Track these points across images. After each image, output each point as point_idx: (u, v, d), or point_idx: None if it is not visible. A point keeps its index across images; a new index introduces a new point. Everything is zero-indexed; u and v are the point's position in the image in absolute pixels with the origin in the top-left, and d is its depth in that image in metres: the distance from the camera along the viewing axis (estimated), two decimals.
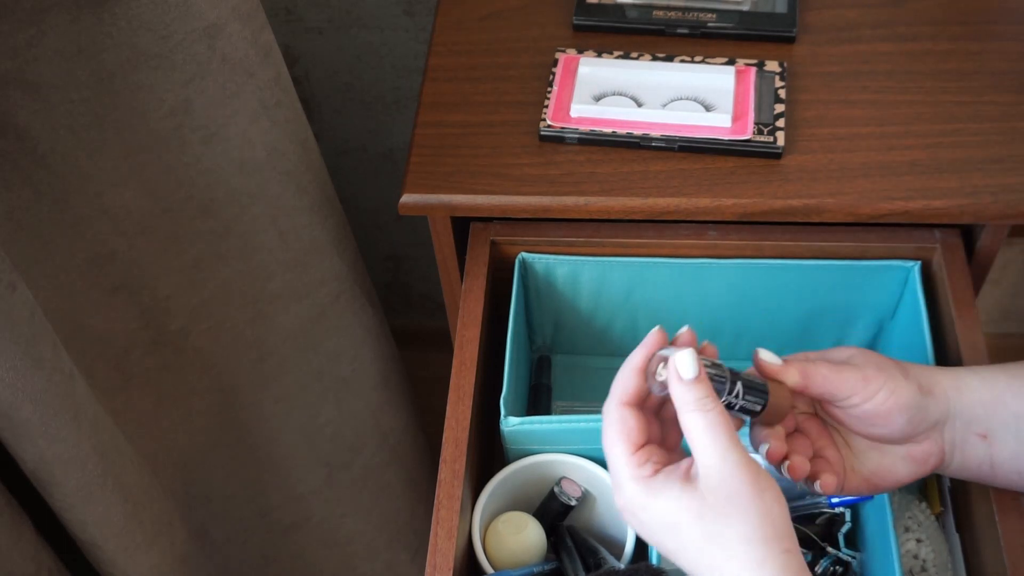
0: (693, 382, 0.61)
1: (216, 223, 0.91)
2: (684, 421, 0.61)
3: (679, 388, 0.61)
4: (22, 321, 0.69)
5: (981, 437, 0.69)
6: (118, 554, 0.86)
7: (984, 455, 0.70)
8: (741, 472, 0.59)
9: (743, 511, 0.58)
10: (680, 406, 0.61)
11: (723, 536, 0.58)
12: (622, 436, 0.62)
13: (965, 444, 0.70)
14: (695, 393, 0.61)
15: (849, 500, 0.80)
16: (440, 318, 1.69)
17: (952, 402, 0.69)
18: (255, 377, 1.05)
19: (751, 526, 0.58)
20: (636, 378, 0.64)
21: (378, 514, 1.28)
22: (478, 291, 0.84)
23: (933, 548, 0.82)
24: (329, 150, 1.41)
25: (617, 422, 0.63)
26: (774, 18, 0.94)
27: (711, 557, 0.59)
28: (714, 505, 0.59)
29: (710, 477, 0.59)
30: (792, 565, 0.58)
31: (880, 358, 0.69)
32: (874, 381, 0.67)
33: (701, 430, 0.60)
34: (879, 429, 0.69)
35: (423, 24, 1.25)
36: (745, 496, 0.59)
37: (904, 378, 0.67)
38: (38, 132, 0.75)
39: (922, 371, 0.69)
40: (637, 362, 0.64)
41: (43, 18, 0.71)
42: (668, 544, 0.61)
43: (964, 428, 0.69)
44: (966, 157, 0.85)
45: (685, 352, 0.61)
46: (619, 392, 0.64)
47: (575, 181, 0.85)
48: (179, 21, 0.77)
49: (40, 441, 0.74)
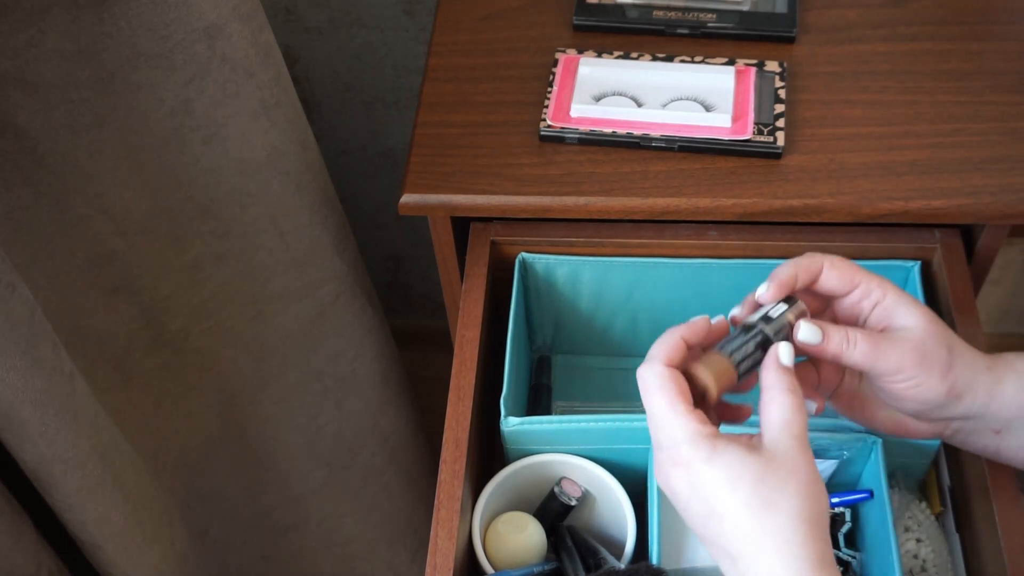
0: (788, 368, 0.64)
1: (216, 223, 0.91)
2: (769, 398, 0.63)
3: (775, 370, 0.64)
4: (22, 321, 0.69)
5: (995, 432, 0.69)
6: (118, 554, 0.86)
7: (991, 444, 0.70)
8: (805, 454, 0.61)
9: (802, 489, 0.59)
10: (770, 385, 0.63)
11: (776, 505, 0.59)
12: (677, 396, 0.62)
13: (974, 434, 0.69)
14: (788, 377, 0.63)
15: (849, 500, 0.80)
16: (440, 318, 1.69)
17: (978, 407, 0.67)
18: (255, 377, 1.05)
19: (803, 503, 0.59)
20: (682, 349, 0.65)
21: (378, 514, 1.28)
22: (478, 291, 0.84)
23: (933, 548, 0.82)
24: (329, 150, 1.41)
25: (671, 381, 0.63)
26: (774, 18, 0.94)
27: (756, 525, 0.59)
28: (777, 472, 0.60)
29: (777, 449, 0.61)
30: (828, 555, 0.59)
31: (934, 343, 0.66)
32: (906, 371, 0.66)
33: (785, 409, 0.62)
34: (887, 398, 0.69)
35: (423, 24, 1.25)
36: (803, 475, 0.60)
37: (940, 379, 0.66)
38: (38, 132, 0.75)
39: (965, 371, 0.67)
40: (684, 332, 0.65)
41: (43, 18, 0.71)
42: (713, 504, 0.60)
43: (979, 424, 0.69)
44: (966, 157, 0.85)
45: (785, 344, 0.65)
46: (664, 354, 0.64)
47: (575, 181, 0.85)
48: (179, 21, 0.77)
49: (40, 441, 0.74)
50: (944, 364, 0.66)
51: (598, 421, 0.78)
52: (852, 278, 0.68)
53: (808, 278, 0.68)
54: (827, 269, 0.68)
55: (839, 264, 0.68)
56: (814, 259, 0.68)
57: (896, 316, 0.67)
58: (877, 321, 0.68)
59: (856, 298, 0.68)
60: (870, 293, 0.68)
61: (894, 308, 0.68)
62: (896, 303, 0.68)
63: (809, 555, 0.58)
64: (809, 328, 0.66)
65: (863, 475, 0.81)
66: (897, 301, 0.68)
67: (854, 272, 0.68)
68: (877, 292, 0.68)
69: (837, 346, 0.66)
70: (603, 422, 0.78)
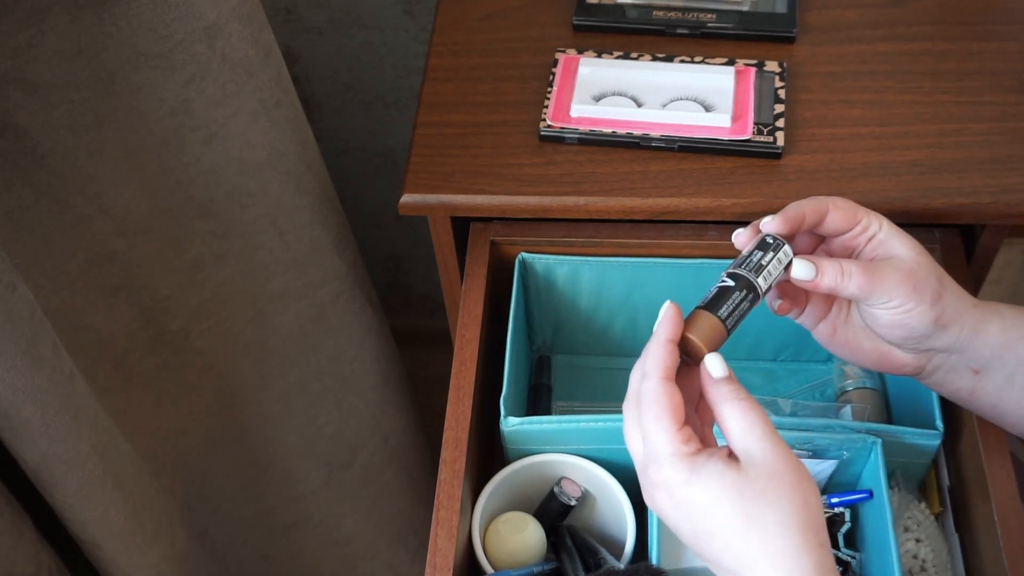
0: (724, 380, 0.63)
1: (216, 223, 0.91)
2: (719, 413, 0.62)
3: (710, 387, 0.63)
4: (22, 321, 0.69)
5: (973, 371, 0.70)
6: (118, 554, 0.86)
7: (967, 384, 0.71)
8: (781, 455, 0.59)
9: (784, 495, 0.58)
10: (713, 402, 0.62)
11: (763, 519, 0.58)
12: (668, 411, 0.61)
13: (953, 372, 0.70)
14: (727, 387, 0.62)
15: (849, 500, 0.80)
16: (440, 318, 1.69)
17: (962, 340, 0.69)
18: (255, 377, 1.05)
19: (791, 511, 0.58)
20: (672, 351, 0.64)
21: (378, 514, 1.28)
22: (478, 291, 0.84)
23: (932, 548, 0.82)
24: (329, 150, 1.41)
25: (663, 397, 0.62)
26: (774, 18, 0.94)
27: (746, 540, 0.58)
28: (756, 483, 0.59)
29: (752, 458, 0.59)
30: (827, 562, 0.58)
31: (925, 272, 0.68)
32: (899, 296, 0.67)
33: (739, 417, 0.61)
34: (874, 324, 0.69)
35: (423, 24, 1.25)
36: (787, 480, 0.59)
37: (929, 306, 0.67)
38: (38, 132, 0.75)
39: (953, 302, 0.68)
40: (669, 334, 0.64)
41: (43, 18, 0.71)
42: (700, 525, 0.60)
43: (960, 360, 0.70)
44: (966, 157, 0.85)
45: (713, 356, 0.64)
46: (659, 367, 0.63)
47: (575, 181, 0.85)
48: (179, 21, 0.77)
49: (40, 441, 0.74)
50: (934, 292, 0.67)
51: (598, 421, 0.78)
52: (855, 216, 0.69)
53: (815, 219, 0.69)
54: (832, 211, 0.69)
55: (842, 204, 0.69)
56: (820, 201, 0.69)
57: (889, 247, 0.69)
58: (871, 251, 0.69)
59: (856, 232, 0.69)
60: (869, 226, 0.69)
61: (887, 239, 0.69)
62: (889, 234, 0.69)
63: (804, 564, 0.57)
64: (802, 265, 0.67)
65: (863, 475, 0.81)
66: (890, 232, 0.69)
67: (856, 210, 0.69)
68: (875, 225, 0.69)
69: (832, 279, 0.67)
70: (603, 422, 0.78)
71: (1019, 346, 0.68)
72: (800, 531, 0.58)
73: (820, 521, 0.59)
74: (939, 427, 0.79)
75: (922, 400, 0.82)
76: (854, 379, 0.89)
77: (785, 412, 0.88)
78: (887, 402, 0.90)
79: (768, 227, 0.68)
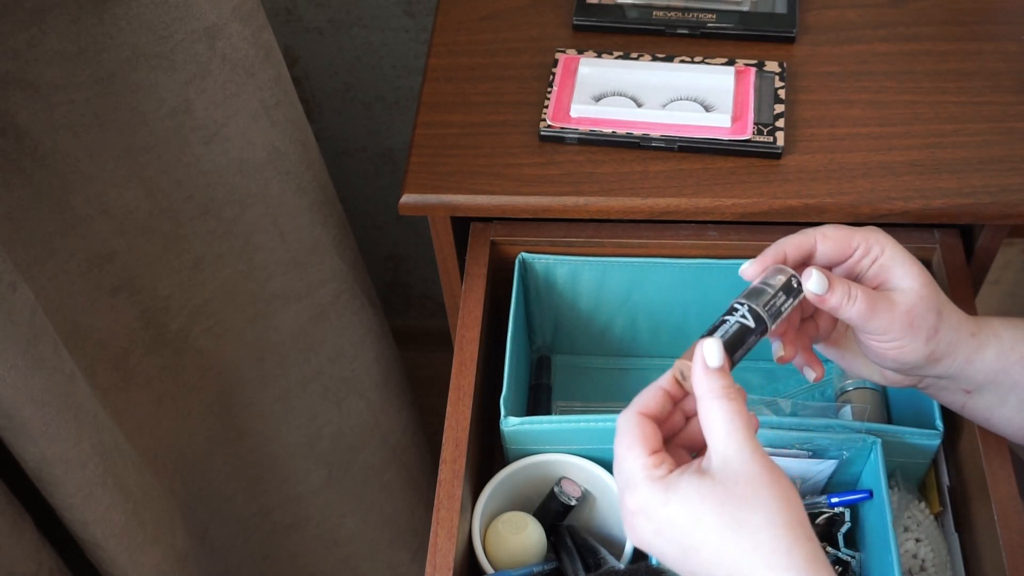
0: (718, 371, 0.61)
1: (216, 223, 0.91)
2: (705, 408, 0.61)
3: (703, 376, 0.62)
4: (23, 321, 0.69)
5: (965, 392, 0.70)
6: (119, 553, 0.86)
7: (957, 400, 0.72)
8: (759, 459, 0.59)
9: (767, 496, 0.58)
10: (702, 394, 0.61)
11: (748, 523, 0.57)
12: (639, 439, 0.62)
13: (945, 390, 0.71)
14: (720, 381, 0.61)
15: (848, 500, 0.80)
16: (440, 318, 1.69)
17: (954, 370, 0.69)
18: (255, 377, 1.05)
19: (775, 510, 0.58)
20: (660, 396, 0.64)
21: (378, 514, 1.28)
22: (478, 291, 0.84)
23: (932, 548, 0.82)
24: (329, 150, 1.41)
25: (636, 427, 0.62)
26: (774, 18, 0.94)
27: (737, 546, 0.57)
28: (734, 490, 0.58)
29: (729, 464, 0.59)
30: (818, 554, 0.57)
31: (925, 308, 0.67)
32: (893, 332, 0.66)
33: (722, 418, 0.60)
34: (868, 353, 0.69)
35: (423, 24, 1.25)
36: (765, 481, 0.58)
37: (923, 343, 0.67)
38: (38, 132, 0.75)
39: (948, 335, 0.68)
40: (663, 383, 0.64)
41: (43, 18, 0.71)
42: (685, 542, 0.59)
43: (952, 382, 0.70)
44: (965, 157, 0.85)
45: (712, 341, 0.62)
46: (640, 403, 0.64)
47: (575, 181, 0.85)
48: (179, 21, 0.77)
49: (41, 441, 0.74)
50: (930, 328, 0.67)
51: (598, 421, 0.78)
52: (848, 244, 0.68)
53: (799, 254, 0.68)
54: (820, 243, 0.68)
55: (832, 234, 0.68)
56: (805, 236, 0.68)
57: (892, 275, 0.68)
58: (874, 276, 0.68)
59: (857, 258, 0.69)
60: (870, 250, 0.68)
61: (891, 265, 0.68)
62: (893, 260, 0.68)
63: (798, 560, 0.57)
64: (819, 277, 0.66)
65: (862, 475, 0.81)
66: (894, 258, 0.68)
67: (849, 238, 0.68)
68: (876, 248, 0.68)
69: (838, 300, 0.66)
70: (603, 422, 0.78)
71: (1013, 369, 0.69)
72: (788, 528, 0.57)
73: (803, 516, 0.59)
74: (939, 427, 0.79)
75: (922, 400, 0.81)
76: (854, 379, 0.89)
77: (785, 412, 0.88)
78: (887, 402, 0.90)
79: (747, 273, 0.67)
